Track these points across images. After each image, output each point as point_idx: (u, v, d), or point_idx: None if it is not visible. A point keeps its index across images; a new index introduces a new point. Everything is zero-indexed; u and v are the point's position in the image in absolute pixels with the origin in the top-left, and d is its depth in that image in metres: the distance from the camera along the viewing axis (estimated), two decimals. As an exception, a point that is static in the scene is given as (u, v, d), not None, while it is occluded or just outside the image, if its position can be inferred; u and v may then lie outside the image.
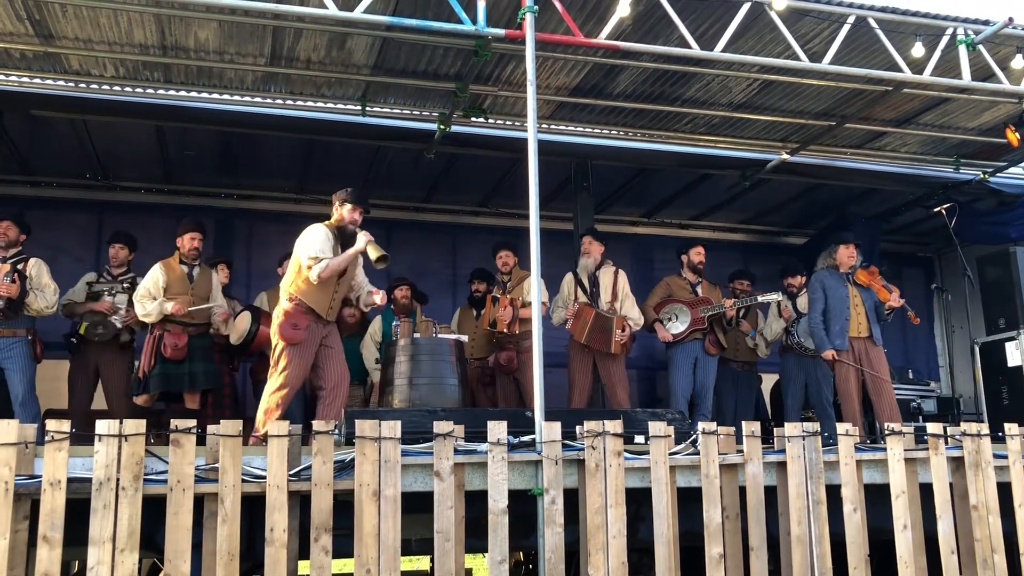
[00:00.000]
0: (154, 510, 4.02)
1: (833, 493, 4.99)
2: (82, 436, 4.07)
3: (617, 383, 7.11)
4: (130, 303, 6.68)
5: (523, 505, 4.58)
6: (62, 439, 3.91)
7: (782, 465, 4.97)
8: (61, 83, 6.97)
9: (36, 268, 6.40)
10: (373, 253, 5.46)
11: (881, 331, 7.10)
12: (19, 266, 6.28)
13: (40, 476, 3.88)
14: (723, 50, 6.03)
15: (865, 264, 7.51)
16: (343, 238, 5.57)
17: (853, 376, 6.89)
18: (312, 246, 5.44)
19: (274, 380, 5.40)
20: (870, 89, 7.36)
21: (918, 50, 6.37)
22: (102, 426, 3.96)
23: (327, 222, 5.65)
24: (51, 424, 3.93)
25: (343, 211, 5.63)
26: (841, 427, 5.15)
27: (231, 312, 6.97)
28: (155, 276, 6.45)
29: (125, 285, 6.89)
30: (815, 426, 5.06)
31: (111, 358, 6.82)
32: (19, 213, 6.63)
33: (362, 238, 5.50)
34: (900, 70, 6.44)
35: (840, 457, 5.04)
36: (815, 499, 4.90)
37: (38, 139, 7.98)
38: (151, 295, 6.38)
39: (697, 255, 7.68)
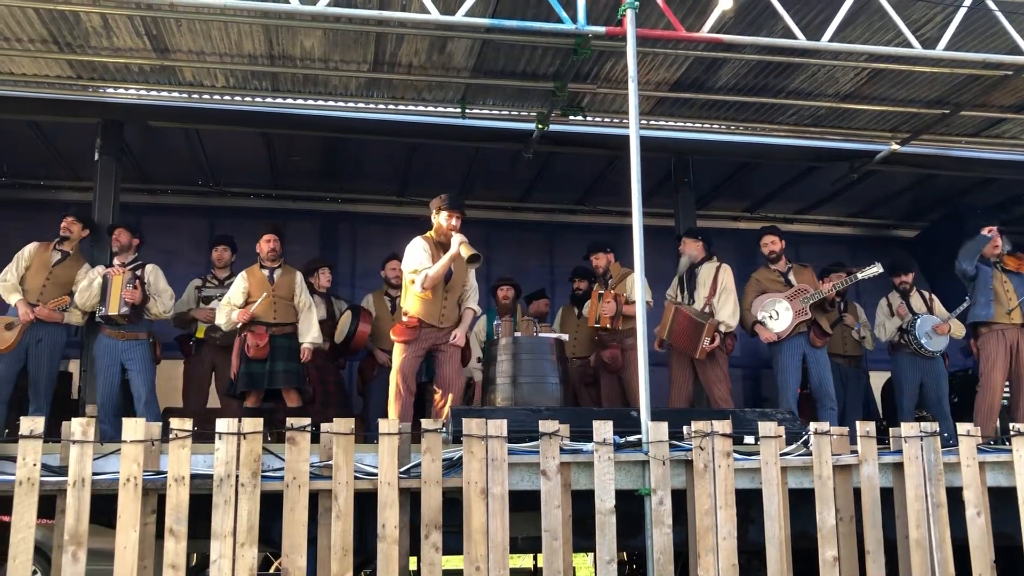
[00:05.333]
0: (271, 506, 4.16)
1: (953, 496, 4.80)
2: (202, 434, 4.25)
3: (714, 382, 6.86)
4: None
5: (629, 505, 4.55)
6: (185, 437, 4.09)
7: (899, 466, 4.81)
8: (175, 94, 7.26)
9: (153, 274, 6.67)
10: (465, 253, 5.61)
11: None
12: (137, 272, 6.55)
13: (165, 472, 4.07)
14: (830, 39, 5.85)
15: (1012, 250, 7.11)
16: (444, 246, 5.75)
17: (1000, 364, 6.59)
18: (410, 261, 5.74)
19: (392, 371, 5.81)
20: (988, 74, 7.01)
21: (1041, 30, 6.07)
22: (222, 424, 4.13)
23: (426, 233, 5.86)
24: (175, 422, 4.12)
25: (439, 219, 5.80)
26: (962, 427, 4.95)
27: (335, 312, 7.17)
28: (238, 285, 6.54)
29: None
30: (933, 426, 4.87)
31: (226, 360, 7.01)
32: (133, 221, 6.89)
33: (455, 240, 5.66)
34: (1022, 53, 6.13)
35: (961, 458, 4.84)
36: (935, 502, 4.72)
37: (154, 149, 8.33)
38: (231, 304, 6.46)
39: (766, 246, 7.20)
